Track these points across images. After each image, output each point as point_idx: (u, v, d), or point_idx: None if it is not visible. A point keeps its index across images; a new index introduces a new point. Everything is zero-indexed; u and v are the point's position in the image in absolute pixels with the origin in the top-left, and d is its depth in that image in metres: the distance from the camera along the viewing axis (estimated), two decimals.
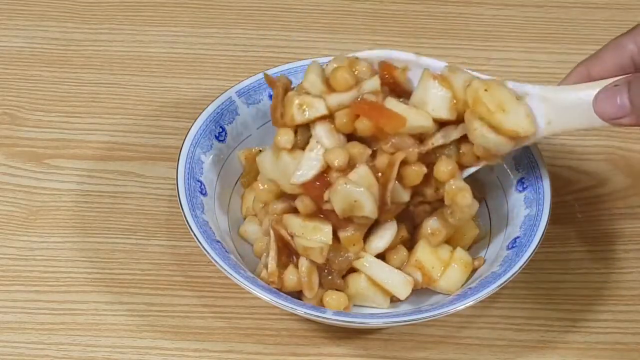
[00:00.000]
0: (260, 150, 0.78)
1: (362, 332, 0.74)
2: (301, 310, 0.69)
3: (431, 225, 0.74)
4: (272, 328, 0.74)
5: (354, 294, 0.73)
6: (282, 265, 0.72)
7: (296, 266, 0.72)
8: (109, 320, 0.74)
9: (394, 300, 0.74)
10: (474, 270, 0.74)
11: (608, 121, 0.69)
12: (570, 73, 0.72)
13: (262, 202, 0.76)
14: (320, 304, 0.72)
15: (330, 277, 0.72)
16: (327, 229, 0.71)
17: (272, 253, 0.72)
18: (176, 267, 0.78)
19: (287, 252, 0.73)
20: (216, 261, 0.70)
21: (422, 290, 0.74)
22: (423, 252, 0.74)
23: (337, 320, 0.69)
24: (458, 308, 0.69)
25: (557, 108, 0.71)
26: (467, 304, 0.69)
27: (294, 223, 0.72)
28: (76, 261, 0.78)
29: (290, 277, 0.72)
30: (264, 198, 0.75)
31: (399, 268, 0.74)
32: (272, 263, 0.72)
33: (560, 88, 0.71)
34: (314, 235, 0.71)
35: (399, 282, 0.73)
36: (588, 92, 0.69)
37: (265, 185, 0.75)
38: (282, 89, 0.74)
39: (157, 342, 0.73)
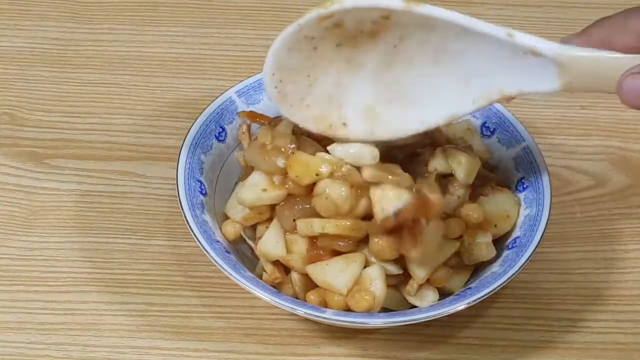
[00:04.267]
0: None
1: (362, 332, 0.74)
2: (301, 310, 0.69)
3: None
4: (272, 328, 0.74)
5: None
6: (278, 264, 0.73)
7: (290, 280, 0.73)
8: (109, 320, 0.74)
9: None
10: (475, 270, 0.75)
11: (635, 109, 0.64)
12: (590, 33, 0.67)
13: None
14: (323, 305, 0.72)
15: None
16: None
17: (263, 258, 0.73)
18: (176, 267, 0.78)
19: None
20: (216, 261, 0.70)
21: None
22: None
23: (337, 320, 0.69)
24: (458, 308, 0.69)
25: (576, 74, 0.66)
26: (467, 304, 0.69)
27: None
28: (76, 261, 0.78)
29: (288, 286, 0.72)
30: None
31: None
32: (267, 265, 0.72)
33: (581, 56, 0.66)
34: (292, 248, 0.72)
35: None
36: (613, 66, 0.65)
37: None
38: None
39: (157, 342, 0.73)
